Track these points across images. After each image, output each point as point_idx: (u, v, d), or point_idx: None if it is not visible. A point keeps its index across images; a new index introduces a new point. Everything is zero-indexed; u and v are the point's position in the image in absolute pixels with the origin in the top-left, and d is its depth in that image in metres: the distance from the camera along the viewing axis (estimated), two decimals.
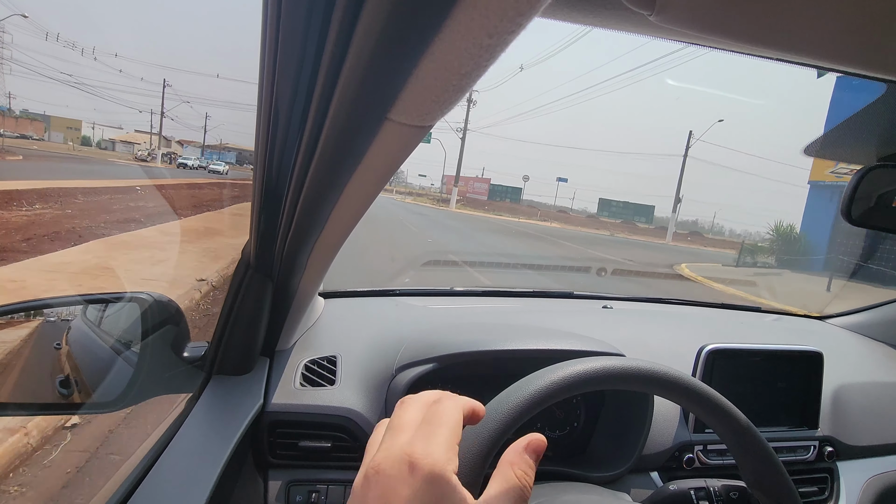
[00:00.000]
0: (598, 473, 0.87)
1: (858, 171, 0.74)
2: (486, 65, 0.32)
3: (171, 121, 60.44)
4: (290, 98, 0.41)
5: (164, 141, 50.33)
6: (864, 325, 1.43)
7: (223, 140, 78.46)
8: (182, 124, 71.41)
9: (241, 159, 67.46)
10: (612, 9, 0.31)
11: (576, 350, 0.91)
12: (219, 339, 0.80)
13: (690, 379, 0.58)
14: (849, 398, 1.12)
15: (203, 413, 0.75)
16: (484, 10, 0.27)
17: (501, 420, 0.51)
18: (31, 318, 0.84)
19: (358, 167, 0.47)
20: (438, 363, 0.86)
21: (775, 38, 0.31)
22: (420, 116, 0.39)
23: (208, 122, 71.74)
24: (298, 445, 0.82)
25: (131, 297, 0.81)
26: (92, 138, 52.38)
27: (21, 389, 0.83)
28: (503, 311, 1.34)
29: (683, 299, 1.61)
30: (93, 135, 53.94)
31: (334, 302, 1.18)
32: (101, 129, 55.82)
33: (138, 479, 0.62)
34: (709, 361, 0.99)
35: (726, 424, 0.58)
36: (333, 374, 0.90)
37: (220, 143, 72.03)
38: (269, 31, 0.35)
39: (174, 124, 75.10)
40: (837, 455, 1.05)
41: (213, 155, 62.54)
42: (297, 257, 0.69)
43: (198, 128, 74.99)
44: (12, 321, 0.80)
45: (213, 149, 68.54)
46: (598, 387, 0.56)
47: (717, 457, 0.97)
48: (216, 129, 75.42)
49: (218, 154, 64.09)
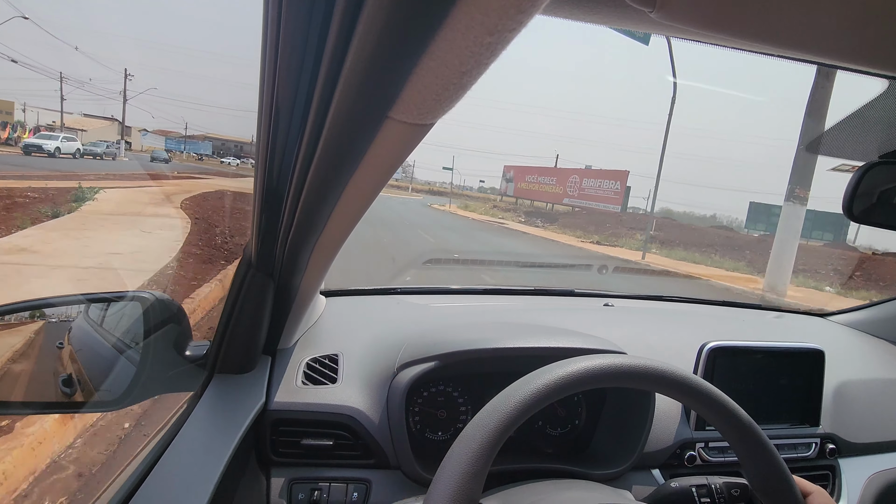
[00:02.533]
0: (600, 471, 0.88)
1: (860, 167, 0.74)
2: (488, 63, 0.32)
3: (134, 107, 52.17)
4: (290, 97, 0.41)
5: (121, 128, 40.87)
6: (865, 323, 1.43)
7: (191, 125, 69.72)
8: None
9: (227, 151, 59.38)
10: (613, 6, 0.31)
11: (577, 348, 0.91)
12: (221, 337, 0.80)
13: (694, 377, 0.58)
14: (850, 395, 1.12)
15: (205, 411, 0.76)
16: (485, 8, 0.27)
17: (504, 417, 0.52)
18: (33, 318, 0.84)
19: (359, 166, 0.47)
20: (440, 361, 0.86)
21: (776, 34, 0.31)
22: (421, 115, 0.39)
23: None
24: (300, 443, 0.83)
25: (133, 295, 0.82)
26: (25, 123, 38.34)
27: (24, 388, 0.84)
28: (504, 309, 1.34)
29: (684, 297, 1.61)
30: (24, 118, 40.82)
31: (336, 300, 1.18)
32: (37, 113, 42.53)
33: (141, 477, 0.63)
34: (710, 359, 0.99)
35: (729, 423, 0.58)
36: (335, 373, 0.90)
37: (183, 129, 63.17)
38: (271, 30, 0.35)
39: (138, 110, 68.03)
40: (839, 452, 1.05)
41: (179, 143, 55.56)
42: (298, 256, 0.69)
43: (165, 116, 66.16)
44: (14, 321, 0.81)
45: (191, 139, 60.56)
46: (601, 384, 0.56)
47: (719, 454, 0.97)
48: (142, 99, 63.16)
49: (182, 143, 56.82)
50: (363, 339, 0.99)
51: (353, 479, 0.83)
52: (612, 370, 0.56)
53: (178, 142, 57.93)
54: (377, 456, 0.84)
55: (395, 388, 0.86)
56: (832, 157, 0.78)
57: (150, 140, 53.63)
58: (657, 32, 0.33)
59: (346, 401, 0.85)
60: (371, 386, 0.89)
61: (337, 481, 0.82)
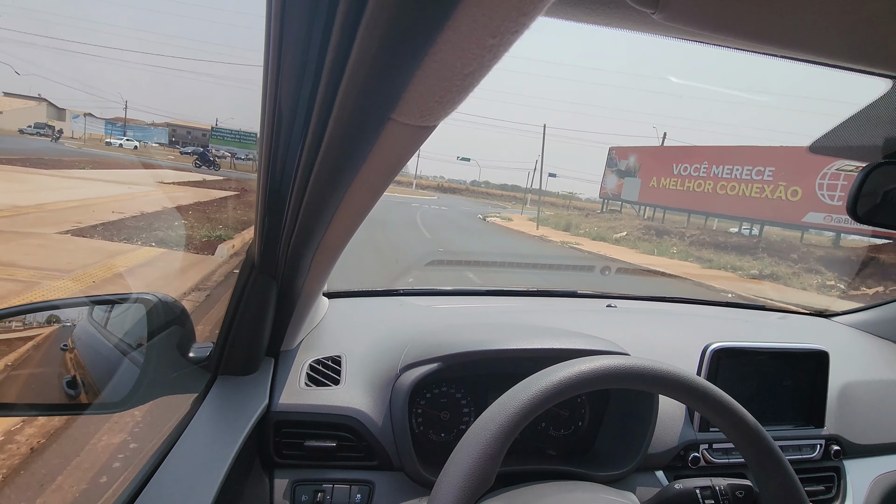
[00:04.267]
0: (604, 472, 0.87)
1: (864, 168, 0.74)
2: (490, 65, 0.32)
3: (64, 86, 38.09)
4: (293, 99, 0.41)
5: (53, 111, 33.50)
6: (869, 323, 1.42)
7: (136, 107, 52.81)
8: None
9: (193, 141, 44.94)
10: (616, 7, 0.31)
11: (580, 349, 0.90)
12: (224, 339, 0.81)
13: (699, 380, 0.58)
14: (855, 396, 1.11)
15: (209, 413, 0.76)
16: (487, 10, 0.27)
17: (508, 419, 0.51)
18: (37, 320, 0.84)
19: (361, 167, 0.47)
20: (442, 363, 0.86)
21: (778, 35, 0.31)
22: (423, 116, 0.39)
23: None
24: (304, 445, 0.83)
25: (137, 297, 0.82)
26: None
27: (29, 390, 0.84)
28: (507, 310, 1.34)
29: (687, 298, 1.61)
30: None
31: (339, 302, 1.18)
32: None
33: (145, 478, 0.63)
34: (714, 360, 0.98)
35: (735, 427, 0.58)
36: (338, 374, 0.90)
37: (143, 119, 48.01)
38: (273, 32, 0.35)
39: (75, 91, 51.14)
40: (844, 453, 1.05)
41: (121, 129, 40.60)
42: (301, 258, 0.70)
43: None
44: (19, 323, 0.81)
45: (133, 122, 45.99)
46: (604, 386, 0.56)
47: (723, 455, 0.96)
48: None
49: (124, 128, 41.62)
50: (366, 340, 1.00)
51: (357, 481, 0.83)
52: (616, 371, 0.56)
53: (119, 127, 43.64)
54: (380, 457, 0.84)
55: (398, 389, 0.86)
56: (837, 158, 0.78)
57: (83, 125, 40.85)
58: (659, 34, 0.33)
59: (349, 402, 0.85)
60: (374, 387, 0.89)
61: (340, 483, 0.82)
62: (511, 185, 44.94)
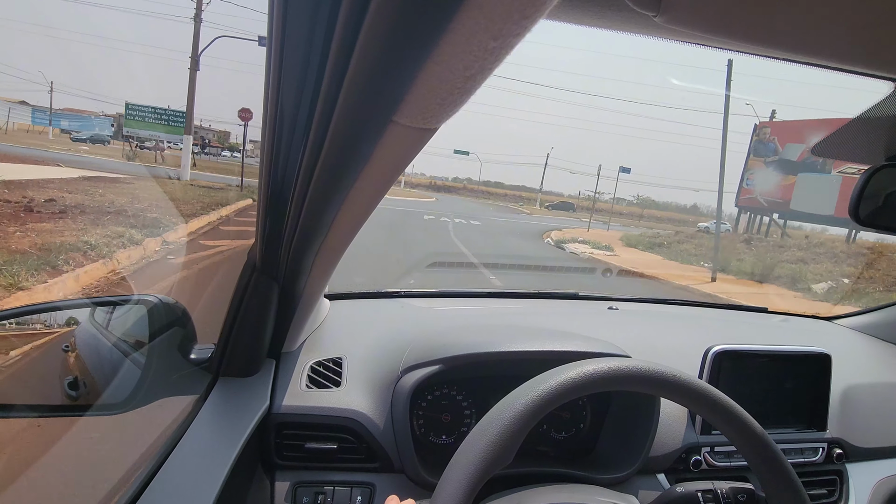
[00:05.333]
0: (605, 475, 0.87)
1: (866, 170, 0.73)
2: (492, 67, 0.32)
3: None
4: (295, 100, 0.41)
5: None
6: (872, 326, 1.42)
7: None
8: None
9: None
10: (617, 10, 0.31)
11: (582, 352, 0.90)
12: (225, 341, 0.81)
13: (701, 383, 0.58)
14: (857, 399, 1.11)
15: (210, 415, 0.76)
16: (489, 12, 0.27)
17: (509, 421, 0.51)
18: (39, 321, 0.85)
19: (363, 169, 0.47)
20: (444, 365, 0.86)
21: (780, 38, 0.31)
22: (425, 119, 0.39)
23: None
24: (305, 447, 0.83)
25: (138, 299, 0.82)
26: None
27: (30, 391, 0.84)
28: (508, 312, 1.33)
29: (689, 300, 1.61)
30: None
31: (340, 304, 1.18)
32: None
33: (146, 480, 0.63)
34: (716, 362, 0.98)
35: (738, 431, 0.57)
36: (339, 376, 0.90)
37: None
38: (275, 34, 0.35)
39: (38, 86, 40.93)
40: (846, 457, 1.04)
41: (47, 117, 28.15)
42: (302, 259, 0.70)
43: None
44: (20, 324, 0.81)
45: (73, 112, 33.03)
46: (606, 388, 0.56)
47: (725, 458, 0.96)
48: None
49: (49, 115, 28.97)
50: (367, 342, 0.99)
51: (357, 483, 0.83)
52: (618, 374, 0.56)
53: (43, 114, 31.43)
54: (381, 460, 0.84)
55: (399, 391, 0.86)
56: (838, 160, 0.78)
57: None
58: (661, 36, 0.34)
59: (350, 404, 0.85)
60: (375, 389, 0.89)
61: (341, 485, 0.82)
62: (519, 186, 40.16)
